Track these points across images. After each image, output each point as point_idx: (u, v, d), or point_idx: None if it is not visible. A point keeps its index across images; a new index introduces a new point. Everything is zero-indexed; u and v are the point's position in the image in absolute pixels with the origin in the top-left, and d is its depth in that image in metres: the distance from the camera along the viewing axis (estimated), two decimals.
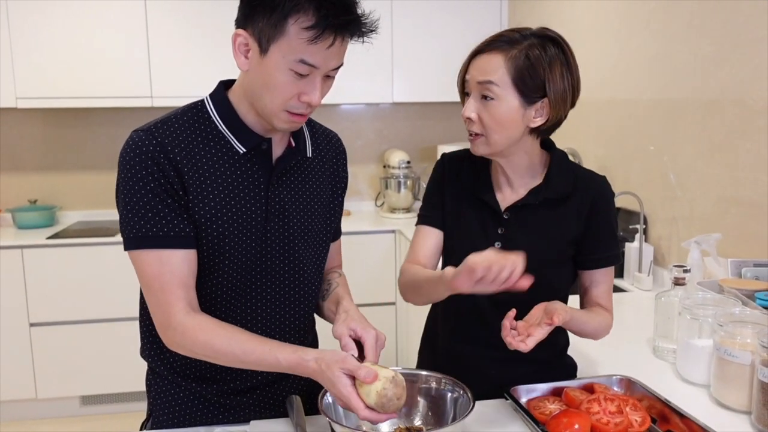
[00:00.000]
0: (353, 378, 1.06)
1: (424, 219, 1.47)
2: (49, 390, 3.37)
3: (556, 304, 1.25)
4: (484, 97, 1.27)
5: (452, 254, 1.43)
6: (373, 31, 1.14)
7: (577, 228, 1.36)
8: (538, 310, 1.25)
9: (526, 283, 1.11)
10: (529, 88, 1.25)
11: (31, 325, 3.30)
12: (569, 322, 1.27)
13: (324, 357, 1.08)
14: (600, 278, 1.40)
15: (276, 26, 1.07)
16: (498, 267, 1.07)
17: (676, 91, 2.28)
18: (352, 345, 1.14)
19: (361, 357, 1.13)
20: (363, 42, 1.14)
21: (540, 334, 1.19)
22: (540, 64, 1.25)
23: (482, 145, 1.31)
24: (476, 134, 1.31)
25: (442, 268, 1.45)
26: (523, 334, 1.19)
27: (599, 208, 1.37)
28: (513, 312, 1.22)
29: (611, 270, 1.42)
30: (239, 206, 1.20)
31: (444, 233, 1.45)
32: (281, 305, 1.30)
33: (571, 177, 1.37)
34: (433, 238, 1.45)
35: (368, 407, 1.04)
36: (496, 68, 1.25)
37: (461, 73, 1.33)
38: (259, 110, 1.17)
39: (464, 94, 1.34)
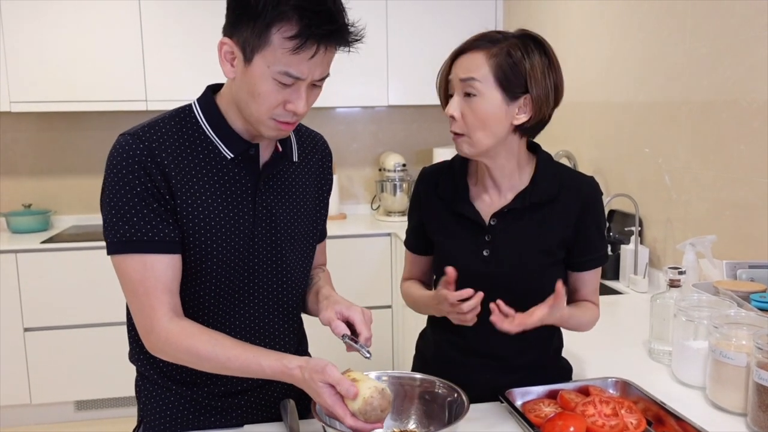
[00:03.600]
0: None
1: (407, 244, 1.54)
2: (44, 395, 3.35)
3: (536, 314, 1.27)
4: (467, 94, 1.27)
5: (447, 262, 1.43)
6: (359, 40, 1.13)
7: (566, 230, 1.36)
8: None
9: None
10: (511, 83, 1.26)
11: (26, 330, 3.28)
12: (568, 321, 1.33)
13: (308, 366, 1.08)
14: (587, 278, 1.41)
15: (260, 36, 1.06)
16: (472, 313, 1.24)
17: (670, 92, 2.28)
18: (343, 326, 1.17)
19: (354, 335, 1.16)
20: (349, 51, 1.14)
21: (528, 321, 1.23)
22: (521, 60, 1.26)
23: (465, 144, 1.31)
24: (459, 134, 1.31)
25: (436, 276, 1.50)
26: (511, 317, 1.23)
27: (589, 210, 1.36)
28: (505, 309, 1.24)
29: (599, 269, 1.43)
30: (227, 211, 1.20)
31: (433, 247, 1.46)
32: (269, 309, 1.29)
33: (557, 179, 1.36)
34: (418, 263, 1.53)
35: (353, 416, 1.05)
36: (479, 65, 1.26)
37: (443, 75, 1.34)
38: (246, 117, 1.17)
39: (447, 96, 1.34)
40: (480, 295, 1.23)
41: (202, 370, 1.18)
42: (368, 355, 1.12)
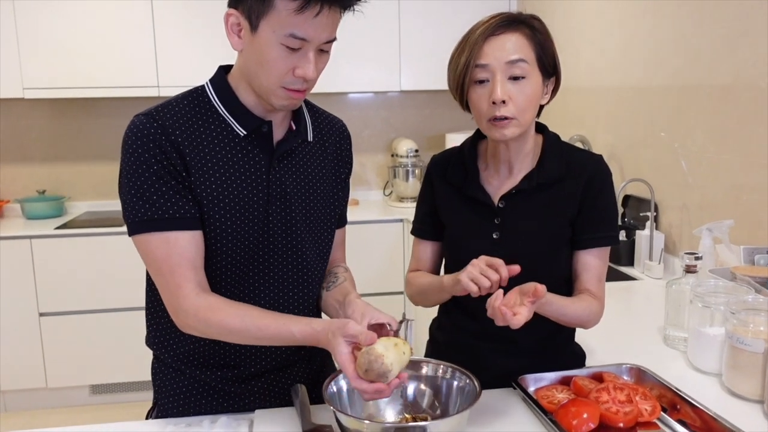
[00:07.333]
0: (354, 345, 1.05)
1: (417, 231, 1.51)
2: (59, 379, 3.39)
3: (530, 284, 1.17)
4: (515, 77, 1.24)
5: (456, 249, 1.43)
6: None
7: (573, 209, 1.34)
8: (513, 294, 1.17)
9: (516, 269, 1.17)
10: (548, 62, 1.28)
11: (41, 314, 3.31)
12: (545, 306, 1.21)
13: (331, 326, 1.08)
14: (591, 261, 1.35)
15: (263, 1, 1.07)
16: (489, 281, 1.15)
17: (687, 76, 2.25)
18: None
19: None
20: (354, 12, 1.13)
21: (526, 312, 1.13)
22: (548, 38, 1.28)
23: (515, 127, 1.27)
24: (508, 118, 1.25)
25: (447, 263, 1.48)
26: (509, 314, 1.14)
27: (593, 186, 1.33)
28: (500, 292, 1.17)
29: (604, 253, 1.36)
30: (240, 189, 1.20)
31: (443, 232, 1.45)
32: (284, 290, 1.29)
33: (564, 159, 1.35)
34: (428, 250, 1.50)
35: (360, 377, 1.03)
36: (522, 45, 1.24)
37: (466, 62, 1.26)
38: (256, 89, 1.17)
39: (471, 83, 1.28)
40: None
41: (235, 343, 1.19)
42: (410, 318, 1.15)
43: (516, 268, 1.16)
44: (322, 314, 1.39)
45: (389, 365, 1.01)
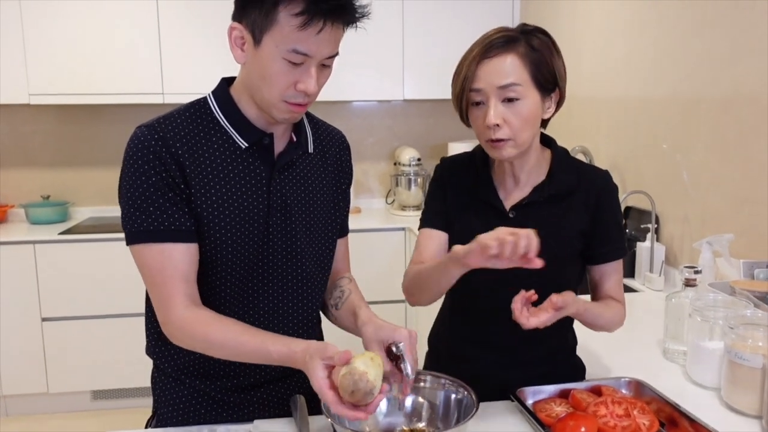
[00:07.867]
0: (332, 368, 1.04)
1: (426, 222, 1.45)
2: (61, 384, 3.40)
3: (564, 294, 1.22)
4: (509, 99, 1.25)
5: None
6: (365, 16, 1.14)
7: (584, 222, 1.35)
8: (548, 302, 1.21)
9: (538, 262, 1.10)
10: (546, 79, 1.27)
11: (43, 319, 3.32)
12: (583, 314, 1.27)
13: (309, 348, 1.07)
14: (610, 270, 1.39)
15: (267, 16, 1.08)
16: (511, 243, 1.08)
17: (689, 88, 2.25)
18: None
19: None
20: (356, 29, 1.15)
21: (544, 317, 1.18)
22: (550, 56, 1.27)
23: (511, 148, 1.28)
24: (504, 139, 1.27)
25: None
26: (531, 314, 1.19)
27: (605, 201, 1.36)
28: (532, 292, 1.20)
29: (620, 262, 1.41)
30: (241, 201, 1.21)
31: (449, 236, 1.43)
32: (284, 300, 1.29)
33: (575, 172, 1.37)
34: (436, 239, 1.43)
35: (342, 401, 1.01)
36: (514, 68, 1.24)
37: (462, 84, 1.28)
38: (258, 102, 1.18)
39: (468, 104, 1.29)
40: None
41: (219, 358, 1.20)
42: (411, 376, 1.09)
43: (538, 263, 1.12)
44: (342, 330, 1.37)
45: (374, 381, 1.00)
